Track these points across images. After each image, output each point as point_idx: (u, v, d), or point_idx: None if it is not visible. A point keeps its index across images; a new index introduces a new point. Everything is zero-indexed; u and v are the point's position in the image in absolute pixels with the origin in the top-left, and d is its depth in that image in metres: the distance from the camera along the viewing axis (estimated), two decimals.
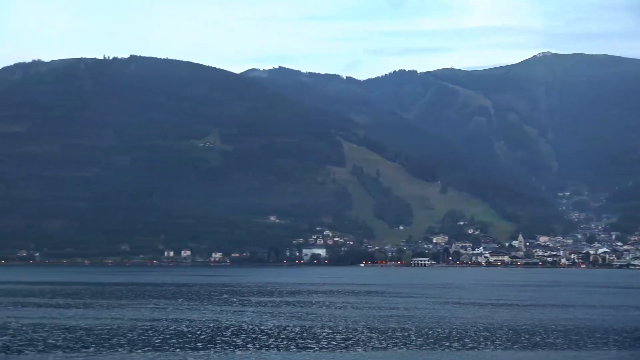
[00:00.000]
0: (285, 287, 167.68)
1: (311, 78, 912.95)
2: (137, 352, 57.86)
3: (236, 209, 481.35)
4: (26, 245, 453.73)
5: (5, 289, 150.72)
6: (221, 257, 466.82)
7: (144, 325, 75.68)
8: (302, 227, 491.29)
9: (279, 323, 79.02)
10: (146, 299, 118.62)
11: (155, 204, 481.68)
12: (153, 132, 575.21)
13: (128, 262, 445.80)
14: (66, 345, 61.44)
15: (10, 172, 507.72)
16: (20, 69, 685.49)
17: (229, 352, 58.48)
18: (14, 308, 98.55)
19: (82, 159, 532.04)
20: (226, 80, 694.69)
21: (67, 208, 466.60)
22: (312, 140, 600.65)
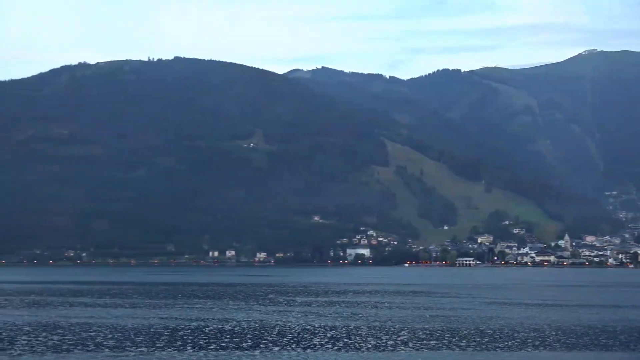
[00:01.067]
0: (330, 287, 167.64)
1: (354, 78, 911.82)
2: (185, 352, 58.16)
3: (280, 209, 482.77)
4: (73, 246, 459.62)
5: (54, 289, 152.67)
6: (265, 257, 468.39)
7: (191, 325, 76.13)
8: (346, 227, 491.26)
9: (324, 323, 78.96)
10: (192, 299, 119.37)
11: (200, 204, 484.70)
12: (197, 133, 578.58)
13: (173, 262, 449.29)
14: (114, 344, 61.95)
15: (57, 174, 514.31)
16: (66, 72, 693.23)
17: (275, 352, 58.52)
18: (63, 307, 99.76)
19: (128, 160, 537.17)
20: (269, 81, 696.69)
21: (113, 209, 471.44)
22: (355, 140, 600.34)
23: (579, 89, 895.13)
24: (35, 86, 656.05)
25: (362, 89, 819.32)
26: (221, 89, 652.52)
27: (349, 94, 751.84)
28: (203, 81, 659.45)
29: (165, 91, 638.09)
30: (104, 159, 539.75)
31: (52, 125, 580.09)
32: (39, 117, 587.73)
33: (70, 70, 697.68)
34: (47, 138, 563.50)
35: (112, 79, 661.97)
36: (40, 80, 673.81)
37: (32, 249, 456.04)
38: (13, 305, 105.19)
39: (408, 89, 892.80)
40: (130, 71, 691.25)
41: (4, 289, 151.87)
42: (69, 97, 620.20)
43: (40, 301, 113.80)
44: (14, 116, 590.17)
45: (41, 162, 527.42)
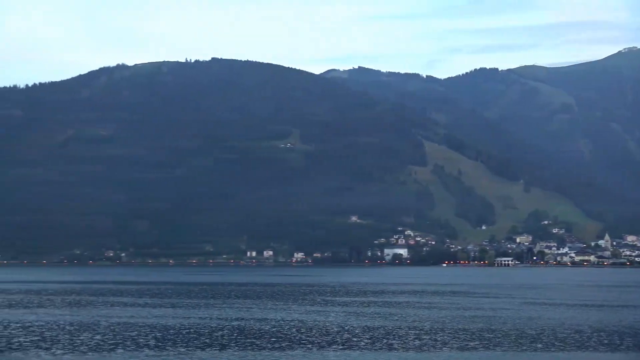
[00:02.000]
0: (369, 287, 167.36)
1: (391, 77, 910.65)
2: (225, 352, 58.30)
3: (318, 209, 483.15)
4: (113, 246, 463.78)
5: (94, 289, 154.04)
6: (303, 257, 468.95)
7: (231, 325, 76.35)
8: (383, 227, 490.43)
9: (363, 323, 78.79)
10: (231, 299, 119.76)
11: (237, 204, 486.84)
12: (235, 133, 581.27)
13: (211, 262, 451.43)
14: (155, 344, 62.26)
15: (97, 175, 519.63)
16: (104, 73, 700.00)
17: (314, 353, 58.44)
18: (104, 307, 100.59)
19: (166, 161, 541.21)
20: (306, 81, 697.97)
21: (152, 209, 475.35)
22: (393, 140, 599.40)
23: (618, 87, 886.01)
24: (74, 88, 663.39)
25: (399, 89, 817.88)
26: (258, 89, 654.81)
27: (386, 93, 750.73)
28: (240, 82, 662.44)
29: (203, 92, 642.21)
30: (143, 159, 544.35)
31: (91, 126, 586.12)
32: (78, 118, 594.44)
33: (108, 72, 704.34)
34: (87, 139, 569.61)
35: (149, 81, 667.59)
36: (79, 82, 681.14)
37: (72, 249, 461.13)
38: (55, 304, 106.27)
39: (445, 88, 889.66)
40: (168, 72, 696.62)
41: (46, 289, 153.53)
42: (108, 99, 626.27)
43: (81, 301, 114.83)
44: (53, 118, 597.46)
45: (81, 163, 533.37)
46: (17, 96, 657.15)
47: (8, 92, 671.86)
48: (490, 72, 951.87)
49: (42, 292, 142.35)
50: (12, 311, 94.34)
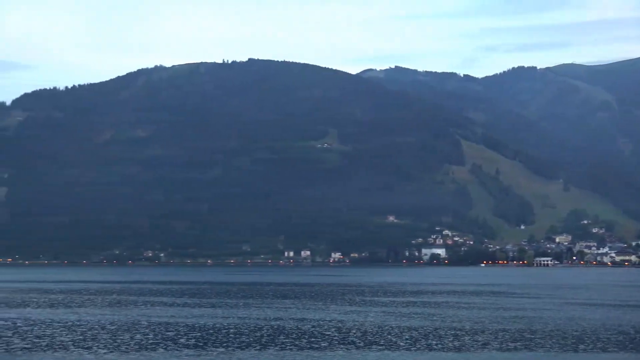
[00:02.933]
0: (407, 287, 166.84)
1: (428, 77, 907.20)
2: (266, 351, 58.38)
3: (355, 209, 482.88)
4: (152, 246, 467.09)
5: (134, 288, 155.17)
6: (340, 257, 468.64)
7: (270, 325, 76.46)
8: (421, 227, 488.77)
9: (403, 324, 78.51)
10: (270, 299, 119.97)
11: (275, 204, 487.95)
12: (272, 133, 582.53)
13: (249, 262, 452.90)
14: (195, 344, 62.51)
15: (136, 176, 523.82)
16: (143, 75, 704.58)
17: (354, 353, 58.32)
18: (144, 307, 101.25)
19: (204, 161, 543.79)
20: (343, 81, 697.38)
21: (190, 209, 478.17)
22: (430, 139, 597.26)
23: None
24: (113, 90, 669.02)
25: (436, 88, 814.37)
26: (295, 90, 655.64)
27: (423, 92, 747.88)
28: (277, 82, 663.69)
29: (240, 93, 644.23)
30: (181, 160, 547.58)
31: (130, 127, 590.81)
32: (117, 120, 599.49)
33: (146, 73, 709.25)
34: (126, 140, 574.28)
35: (187, 82, 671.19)
36: (118, 84, 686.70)
37: (112, 249, 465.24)
38: (95, 304, 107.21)
39: (483, 87, 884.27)
40: (205, 73, 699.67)
41: (87, 289, 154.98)
42: (146, 100, 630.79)
43: (122, 301, 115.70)
44: (93, 119, 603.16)
45: (120, 164, 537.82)
46: (58, 98, 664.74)
47: (49, 94, 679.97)
48: (528, 70, 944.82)
49: (82, 291, 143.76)
50: (54, 311, 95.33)
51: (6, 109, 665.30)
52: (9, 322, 79.64)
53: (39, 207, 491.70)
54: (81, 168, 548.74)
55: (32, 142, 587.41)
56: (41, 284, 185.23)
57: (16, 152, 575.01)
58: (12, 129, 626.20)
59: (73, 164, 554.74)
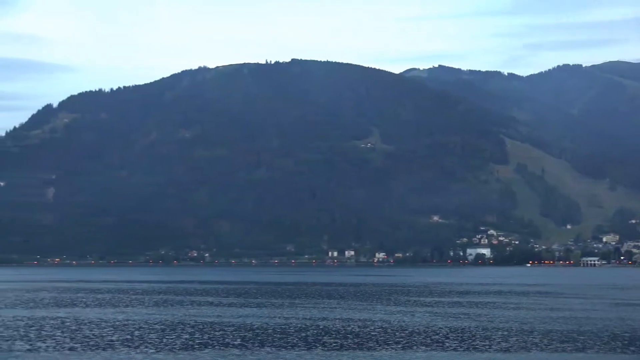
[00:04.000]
0: (453, 287, 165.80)
1: (472, 75, 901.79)
2: (312, 351, 58.24)
3: (399, 209, 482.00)
4: (197, 246, 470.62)
5: (180, 288, 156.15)
6: (384, 257, 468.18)
7: (316, 325, 76.32)
8: (466, 227, 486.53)
9: (450, 324, 77.91)
10: (315, 299, 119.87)
11: (319, 204, 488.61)
12: (315, 134, 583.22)
13: (293, 262, 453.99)
14: (242, 344, 62.56)
15: (181, 176, 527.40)
16: (187, 76, 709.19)
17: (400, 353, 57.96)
18: (191, 307, 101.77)
19: (248, 162, 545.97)
20: (386, 81, 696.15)
21: (235, 210, 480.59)
22: (474, 139, 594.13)
23: None
24: (158, 91, 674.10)
25: (480, 87, 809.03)
26: (338, 90, 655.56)
27: (467, 91, 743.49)
28: (320, 82, 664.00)
29: (283, 93, 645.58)
30: (226, 160, 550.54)
31: (174, 128, 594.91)
32: (162, 121, 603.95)
33: (190, 74, 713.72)
34: (170, 141, 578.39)
35: (231, 82, 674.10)
36: (163, 85, 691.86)
37: (158, 249, 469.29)
38: (142, 304, 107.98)
39: (527, 86, 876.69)
40: (249, 74, 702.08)
41: (134, 288, 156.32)
42: (190, 101, 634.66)
43: (168, 300, 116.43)
44: (138, 120, 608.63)
45: (165, 165, 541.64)
46: (103, 100, 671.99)
47: (94, 96, 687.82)
48: (574, 68, 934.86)
49: (129, 291, 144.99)
50: (102, 310, 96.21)
51: (53, 111, 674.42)
52: (58, 321, 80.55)
53: (86, 208, 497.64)
54: (127, 169, 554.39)
55: (79, 143, 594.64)
56: (89, 283, 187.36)
57: (63, 153, 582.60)
58: (58, 131, 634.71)
59: (119, 165, 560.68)
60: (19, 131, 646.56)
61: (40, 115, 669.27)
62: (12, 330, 72.17)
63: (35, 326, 76.15)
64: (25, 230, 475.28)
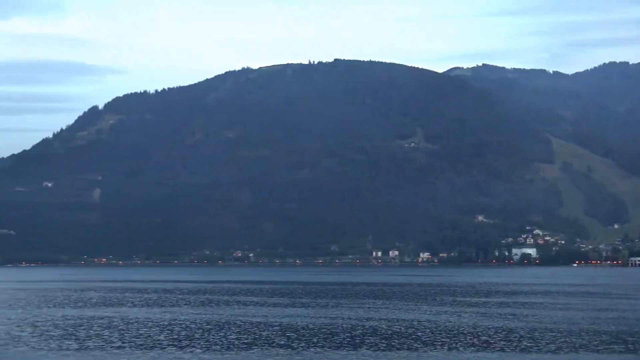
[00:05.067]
0: (499, 287, 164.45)
1: (516, 74, 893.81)
2: (359, 352, 58.05)
3: (443, 209, 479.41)
4: (241, 246, 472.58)
5: (225, 288, 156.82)
6: (429, 257, 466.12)
7: (362, 325, 76.09)
8: (511, 226, 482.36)
9: (497, 324, 77.20)
10: (360, 299, 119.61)
11: (362, 204, 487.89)
12: (358, 133, 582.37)
13: (337, 262, 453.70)
14: (288, 344, 62.54)
15: (225, 177, 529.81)
16: (230, 77, 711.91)
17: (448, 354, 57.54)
18: (237, 306, 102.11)
19: (293, 162, 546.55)
20: (429, 80, 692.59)
21: (278, 210, 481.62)
22: (519, 137, 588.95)
23: None
24: (202, 92, 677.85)
25: (524, 85, 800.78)
26: (381, 89, 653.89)
27: (512, 90, 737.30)
28: (363, 82, 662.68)
29: (326, 93, 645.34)
30: (270, 161, 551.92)
31: (218, 129, 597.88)
32: (206, 121, 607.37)
33: (234, 75, 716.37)
34: (215, 142, 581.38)
35: (274, 83, 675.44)
36: (207, 86, 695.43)
37: (202, 249, 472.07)
38: (189, 304, 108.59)
39: (573, 84, 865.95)
40: (292, 74, 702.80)
41: (179, 288, 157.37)
42: (234, 102, 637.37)
43: (214, 300, 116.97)
44: (182, 121, 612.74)
45: (209, 165, 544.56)
46: (148, 101, 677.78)
47: (139, 97, 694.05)
48: (620, 65, 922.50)
49: (175, 291, 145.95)
50: (149, 310, 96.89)
51: (99, 112, 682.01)
52: (106, 321, 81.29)
53: (132, 209, 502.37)
54: (172, 170, 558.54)
55: (124, 144, 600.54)
56: (135, 283, 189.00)
57: (108, 154, 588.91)
58: (104, 132, 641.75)
59: (164, 165, 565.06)
60: (66, 133, 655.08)
61: (87, 117, 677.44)
62: (61, 330, 72.98)
63: (84, 325, 76.93)
64: (72, 230, 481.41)
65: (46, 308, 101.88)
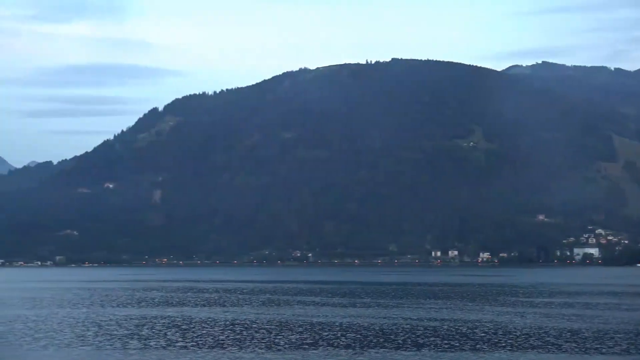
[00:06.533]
0: (562, 287, 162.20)
1: (577, 71, 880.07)
2: (423, 352, 57.57)
3: (503, 208, 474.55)
4: (300, 246, 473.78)
5: (285, 288, 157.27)
6: (488, 257, 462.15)
7: (425, 325, 75.52)
8: (572, 226, 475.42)
9: (562, 325, 76.01)
10: (421, 299, 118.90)
11: (422, 204, 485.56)
12: (417, 133, 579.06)
13: (396, 261, 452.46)
14: (350, 344, 62.29)
15: (284, 177, 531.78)
16: (288, 78, 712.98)
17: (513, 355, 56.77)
18: (298, 307, 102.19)
19: (350, 162, 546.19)
20: (488, 78, 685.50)
21: (338, 210, 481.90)
22: (580, 136, 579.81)
23: None
24: (260, 93, 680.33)
25: (585, 83, 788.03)
26: (439, 88, 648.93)
27: (572, 88, 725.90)
28: (421, 81, 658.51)
29: (384, 93, 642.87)
30: (327, 161, 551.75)
31: (277, 129, 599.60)
32: (264, 122, 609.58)
33: (291, 76, 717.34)
34: (273, 142, 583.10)
35: (331, 83, 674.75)
36: (264, 87, 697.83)
37: (262, 249, 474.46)
38: (250, 303, 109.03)
39: (635, 81, 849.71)
40: (349, 74, 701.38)
41: (240, 288, 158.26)
42: (292, 102, 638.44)
43: (274, 300, 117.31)
44: (240, 122, 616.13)
45: (268, 165, 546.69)
46: (207, 102, 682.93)
47: (198, 98, 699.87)
48: None
49: (236, 291, 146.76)
50: (211, 309, 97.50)
51: (159, 114, 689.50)
52: (169, 320, 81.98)
53: (192, 209, 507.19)
54: (231, 171, 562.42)
55: (183, 146, 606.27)
56: (196, 283, 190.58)
57: (168, 156, 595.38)
58: (164, 134, 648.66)
59: (223, 166, 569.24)
60: (127, 134, 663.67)
61: (147, 119, 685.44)
62: (124, 329, 73.77)
63: (147, 325, 77.68)
64: (133, 231, 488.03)
65: (110, 307, 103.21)
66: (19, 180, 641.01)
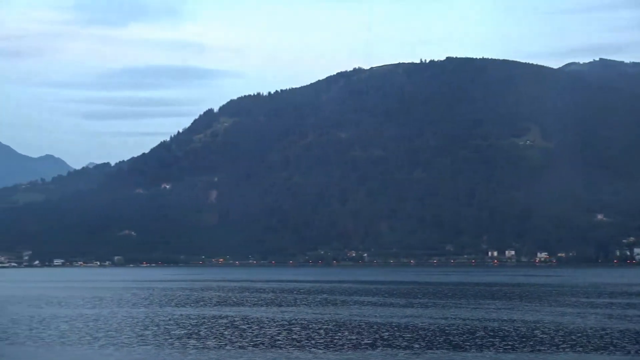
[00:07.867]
0: (623, 288, 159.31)
1: (636, 68, 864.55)
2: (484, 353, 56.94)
3: (561, 207, 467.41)
4: (355, 246, 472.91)
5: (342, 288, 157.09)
6: (546, 256, 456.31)
7: (485, 326, 74.69)
8: (632, 225, 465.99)
9: (626, 326, 74.58)
10: (479, 299, 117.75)
11: (477, 203, 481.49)
12: (472, 132, 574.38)
13: (453, 261, 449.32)
14: (409, 345, 61.88)
15: (339, 177, 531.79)
16: (342, 78, 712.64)
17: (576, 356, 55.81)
18: (356, 307, 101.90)
19: (406, 162, 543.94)
20: (545, 76, 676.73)
21: (393, 210, 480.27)
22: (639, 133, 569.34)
23: None
24: (314, 93, 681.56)
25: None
26: (495, 86, 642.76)
27: (631, 85, 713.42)
28: (476, 80, 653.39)
29: (439, 92, 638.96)
30: (383, 161, 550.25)
31: (331, 129, 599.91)
32: (319, 122, 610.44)
33: (345, 76, 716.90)
34: (328, 142, 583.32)
35: (386, 83, 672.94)
36: (319, 88, 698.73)
37: (317, 249, 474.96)
38: (307, 303, 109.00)
39: None
40: (404, 74, 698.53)
41: (297, 288, 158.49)
42: (347, 102, 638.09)
43: (332, 300, 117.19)
44: (295, 122, 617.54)
45: (324, 165, 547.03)
46: (262, 103, 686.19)
47: (253, 99, 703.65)
48: None
49: (293, 291, 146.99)
50: (268, 309, 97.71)
51: (214, 115, 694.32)
52: (227, 320, 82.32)
53: (248, 209, 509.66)
54: (286, 171, 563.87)
55: (239, 146, 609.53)
56: (253, 283, 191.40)
57: (224, 156, 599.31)
58: (220, 134, 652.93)
59: (278, 167, 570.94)
60: (183, 135, 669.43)
61: (202, 120, 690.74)
62: (183, 329, 74.25)
63: (205, 324, 78.10)
64: (190, 231, 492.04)
65: (168, 307, 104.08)
66: (77, 181, 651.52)
